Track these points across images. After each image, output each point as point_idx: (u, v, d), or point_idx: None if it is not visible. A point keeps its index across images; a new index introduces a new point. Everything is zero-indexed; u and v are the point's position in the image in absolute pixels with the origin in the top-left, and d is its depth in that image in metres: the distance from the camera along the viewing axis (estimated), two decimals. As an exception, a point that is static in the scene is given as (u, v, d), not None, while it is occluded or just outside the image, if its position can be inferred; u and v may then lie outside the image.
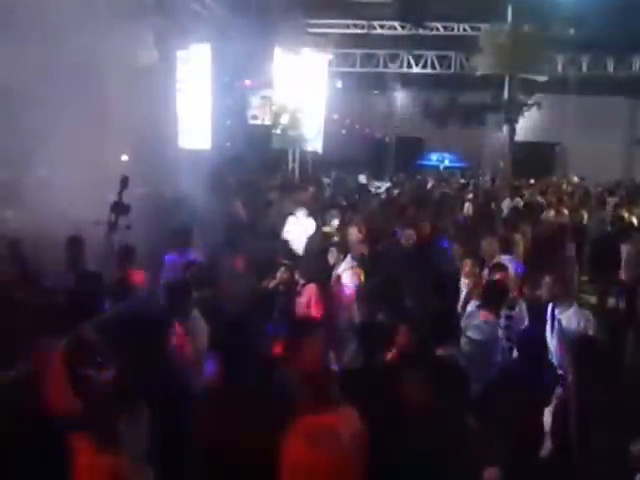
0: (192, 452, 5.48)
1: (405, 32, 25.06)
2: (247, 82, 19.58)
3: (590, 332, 7.67)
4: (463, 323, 7.88)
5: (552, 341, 7.88)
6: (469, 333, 7.70)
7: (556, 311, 7.93)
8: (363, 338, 6.79)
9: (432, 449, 5.00)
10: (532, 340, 8.15)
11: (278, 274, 9.95)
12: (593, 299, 11.06)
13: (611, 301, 10.11)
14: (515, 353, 8.27)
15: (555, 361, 7.76)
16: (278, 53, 19.75)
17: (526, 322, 8.55)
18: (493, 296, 7.99)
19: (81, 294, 7.23)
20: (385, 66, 27.54)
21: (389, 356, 6.53)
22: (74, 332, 5.90)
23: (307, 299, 9.52)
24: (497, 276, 8.71)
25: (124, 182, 13.15)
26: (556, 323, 7.87)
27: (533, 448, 7.26)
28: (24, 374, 5.33)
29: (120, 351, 5.99)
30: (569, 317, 7.85)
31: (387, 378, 5.83)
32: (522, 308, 8.66)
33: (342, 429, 5.01)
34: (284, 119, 19.98)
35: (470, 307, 8.37)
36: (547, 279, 8.23)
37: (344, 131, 28.83)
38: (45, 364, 5.39)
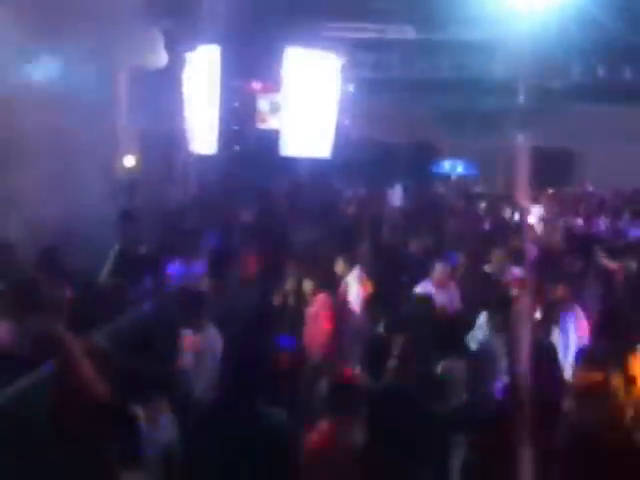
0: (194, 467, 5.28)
1: (419, 36, 24.86)
2: (256, 85, 19.33)
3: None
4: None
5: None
6: (471, 345, 7.85)
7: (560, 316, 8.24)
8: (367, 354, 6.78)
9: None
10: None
11: (287, 284, 9.74)
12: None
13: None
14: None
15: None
16: (289, 56, 19.53)
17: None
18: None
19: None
20: (398, 71, 27.34)
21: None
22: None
23: (317, 309, 9.29)
24: (514, 292, 8.42)
25: (132, 188, 13.00)
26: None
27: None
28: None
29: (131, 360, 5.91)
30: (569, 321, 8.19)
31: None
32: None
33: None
34: (293, 124, 19.77)
35: (479, 321, 8.21)
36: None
37: (355, 137, 28.53)
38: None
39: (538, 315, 8.46)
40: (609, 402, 5.65)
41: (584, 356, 6.36)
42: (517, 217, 17.49)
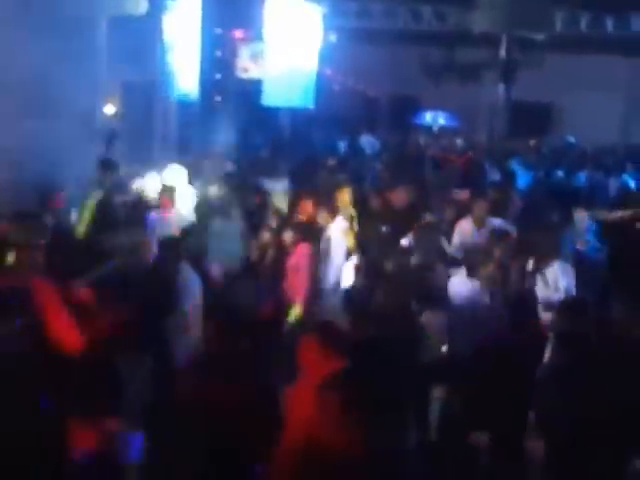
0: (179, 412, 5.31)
1: (402, -14, 24.66)
2: (238, 33, 19.12)
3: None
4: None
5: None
6: (452, 299, 7.88)
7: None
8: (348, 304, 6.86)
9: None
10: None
11: (264, 236, 9.77)
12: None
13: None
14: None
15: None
16: (270, 4, 19.31)
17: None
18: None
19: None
20: (381, 21, 27.07)
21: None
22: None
23: (297, 260, 9.30)
24: (502, 245, 8.42)
25: (112, 137, 12.90)
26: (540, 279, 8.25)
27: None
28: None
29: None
30: (553, 272, 8.25)
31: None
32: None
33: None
34: (275, 73, 19.60)
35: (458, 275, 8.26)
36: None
37: (337, 87, 28.37)
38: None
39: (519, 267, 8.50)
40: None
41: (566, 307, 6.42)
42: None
